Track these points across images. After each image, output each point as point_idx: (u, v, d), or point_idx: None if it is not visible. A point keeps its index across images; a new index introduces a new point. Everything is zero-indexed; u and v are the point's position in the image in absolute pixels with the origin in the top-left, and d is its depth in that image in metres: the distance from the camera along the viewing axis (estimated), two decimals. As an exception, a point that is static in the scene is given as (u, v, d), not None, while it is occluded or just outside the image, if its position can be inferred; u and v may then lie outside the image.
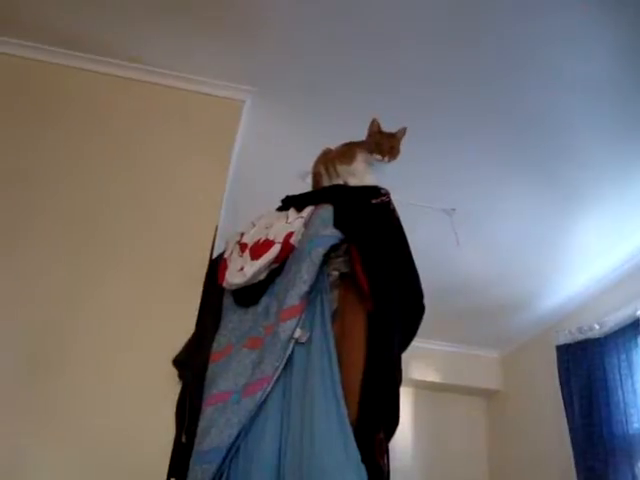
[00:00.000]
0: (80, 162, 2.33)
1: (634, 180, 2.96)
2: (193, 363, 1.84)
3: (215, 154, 2.47)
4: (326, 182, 2.02)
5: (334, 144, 2.05)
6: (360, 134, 1.96)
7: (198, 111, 2.55)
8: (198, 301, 2.07)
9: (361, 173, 1.94)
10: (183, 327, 1.99)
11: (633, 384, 3.35)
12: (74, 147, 2.36)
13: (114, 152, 2.38)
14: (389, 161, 1.93)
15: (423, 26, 2.30)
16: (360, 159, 1.94)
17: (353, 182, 1.93)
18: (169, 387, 1.90)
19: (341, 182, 1.96)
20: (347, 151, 1.99)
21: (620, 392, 3.41)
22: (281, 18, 2.31)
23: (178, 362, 1.92)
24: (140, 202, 2.29)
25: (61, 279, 2.08)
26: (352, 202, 1.82)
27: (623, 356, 3.48)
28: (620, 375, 3.45)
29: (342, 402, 1.46)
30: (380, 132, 1.94)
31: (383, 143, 1.91)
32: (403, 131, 1.95)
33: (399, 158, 1.95)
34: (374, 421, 1.55)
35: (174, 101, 2.56)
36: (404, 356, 1.71)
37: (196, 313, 2.04)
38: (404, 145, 1.94)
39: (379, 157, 1.91)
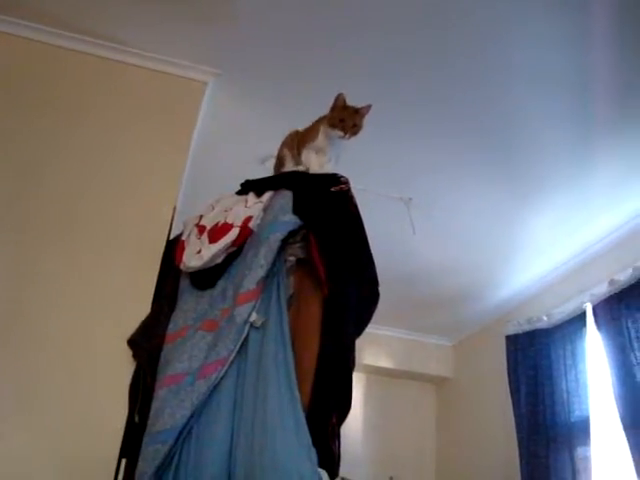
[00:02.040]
0: (35, 138, 2.28)
1: (583, 177, 3.04)
2: (148, 344, 1.84)
3: (175, 135, 2.45)
4: (290, 165, 2.02)
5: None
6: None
7: (160, 90, 2.52)
8: (154, 282, 2.06)
9: (323, 150, 1.95)
10: (139, 307, 1.98)
11: (576, 374, 3.46)
12: (30, 122, 2.30)
13: (70, 128, 2.33)
14: (349, 138, 1.94)
15: (382, 15, 2.31)
16: (322, 134, 1.95)
17: (315, 167, 1.94)
18: (123, 367, 1.89)
19: (302, 169, 1.97)
20: (312, 128, 2.00)
21: (564, 381, 3.53)
22: (248, 2, 2.30)
23: (133, 342, 1.91)
24: (97, 181, 2.25)
25: (13, 258, 2.04)
26: (311, 189, 1.83)
27: (568, 347, 3.59)
28: (565, 365, 3.56)
29: (295, 386, 1.48)
30: (345, 107, 1.94)
31: (346, 119, 1.92)
32: (368, 108, 1.94)
33: (359, 147, 1.97)
34: (327, 406, 1.58)
35: (136, 79, 2.52)
36: (357, 342, 1.74)
37: (152, 294, 2.03)
38: (362, 133, 1.95)
39: (341, 133, 1.91)
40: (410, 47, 2.42)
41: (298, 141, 2.03)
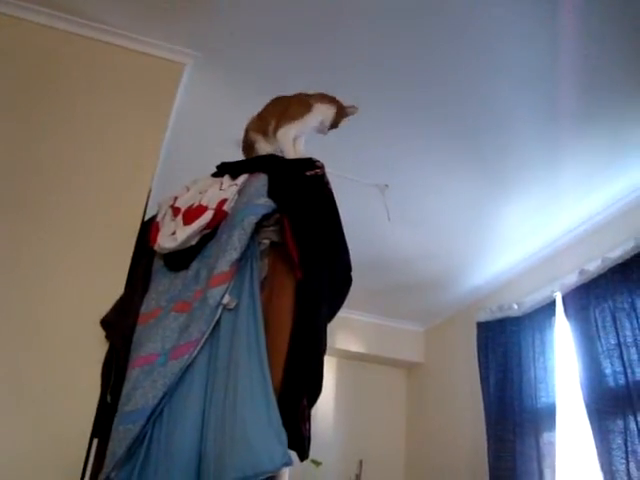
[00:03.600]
0: (10, 116, 2.24)
1: (555, 169, 3.08)
2: (121, 324, 1.84)
3: (152, 116, 2.43)
4: (262, 145, 2.04)
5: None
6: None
7: (138, 71, 2.50)
8: (128, 262, 2.06)
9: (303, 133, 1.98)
10: (112, 288, 1.97)
11: (545, 361, 3.52)
12: (6, 100, 2.27)
13: (48, 107, 2.30)
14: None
15: (363, 3, 2.32)
16: (312, 123, 1.98)
17: (289, 149, 1.95)
18: (96, 348, 1.89)
19: (273, 149, 1.99)
20: (300, 108, 2.02)
21: (532, 368, 3.58)
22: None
23: (106, 323, 1.91)
24: (73, 160, 2.23)
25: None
26: (286, 173, 1.84)
27: (538, 335, 3.65)
28: (534, 353, 3.62)
29: (267, 368, 1.49)
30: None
31: (339, 122, 1.98)
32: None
33: (336, 132, 2.00)
34: (298, 388, 1.59)
35: (114, 59, 2.49)
36: (330, 325, 1.75)
37: (126, 274, 2.03)
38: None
39: (324, 134, 1.96)
40: (391, 35, 2.43)
41: (279, 114, 2.03)
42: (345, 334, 4.92)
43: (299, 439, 1.56)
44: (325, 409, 4.92)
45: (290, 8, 2.36)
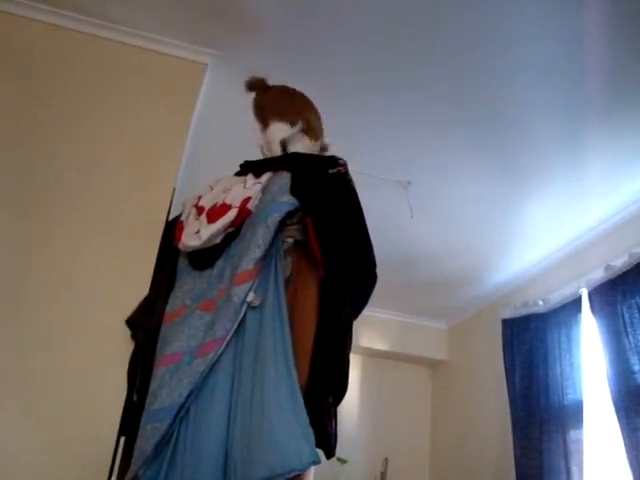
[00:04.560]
0: (36, 118, 2.27)
1: (579, 165, 3.04)
2: (146, 323, 1.85)
3: (175, 116, 2.44)
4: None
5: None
6: (322, 103, 1.98)
7: (160, 72, 2.51)
8: (153, 262, 2.07)
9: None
10: (137, 287, 1.99)
11: (571, 358, 3.49)
12: (32, 102, 2.29)
13: (72, 109, 2.32)
14: None
15: (381, 2, 2.31)
16: (292, 129, 2.00)
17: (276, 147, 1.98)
18: (122, 347, 1.90)
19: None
20: (290, 108, 2.05)
21: (558, 365, 3.55)
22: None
23: (131, 322, 1.92)
24: (98, 161, 2.25)
25: (13, 235, 2.04)
26: (309, 171, 1.84)
27: (564, 331, 3.61)
28: (560, 349, 3.58)
29: (293, 366, 1.50)
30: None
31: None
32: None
33: (360, 130, 1.99)
34: (324, 386, 1.60)
35: (136, 60, 2.50)
36: (354, 323, 1.75)
37: (151, 274, 2.04)
38: (362, 116, 1.96)
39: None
40: (408, 36, 2.42)
41: (265, 108, 2.06)
42: (369, 332, 4.92)
43: (325, 437, 1.56)
44: (350, 407, 4.92)
45: (310, 3, 2.35)
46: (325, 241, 1.68)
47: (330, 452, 1.59)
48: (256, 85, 2.14)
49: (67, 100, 2.34)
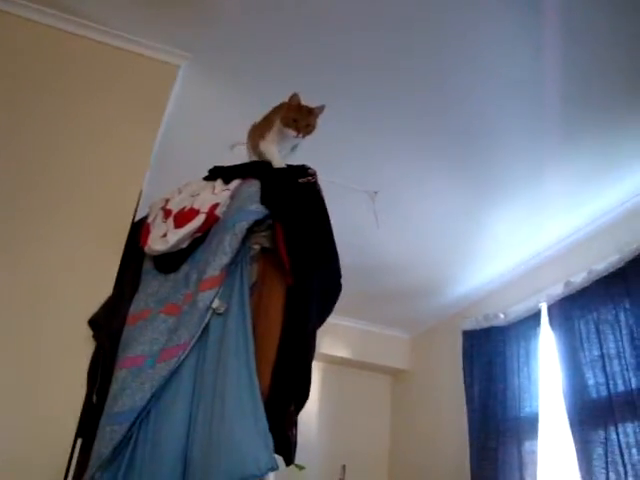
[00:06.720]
0: (4, 114, 2.24)
1: (542, 181, 3.11)
2: (109, 325, 1.84)
3: (145, 117, 2.43)
4: (248, 156, 2.06)
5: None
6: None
7: (130, 72, 2.49)
8: (118, 263, 2.05)
9: (275, 145, 1.98)
10: (101, 288, 1.97)
11: (529, 371, 3.55)
12: (2, 97, 2.26)
13: (39, 106, 2.29)
14: (303, 137, 1.98)
15: (351, 8, 2.32)
16: (275, 131, 1.98)
17: (276, 160, 1.96)
18: (83, 347, 1.88)
19: (256, 158, 2.00)
20: (267, 121, 2.03)
21: (516, 378, 3.61)
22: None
23: (94, 323, 1.91)
24: (64, 160, 2.22)
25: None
26: (279, 179, 1.85)
27: (523, 344, 3.67)
28: (518, 362, 3.64)
29: (254, 373, 1.50)
30: (299, 108, 1.97)
31: (300, 119, 1.96)
32: (322, 108, 1.99)
33: (327, 139, 2.00)
34: (286, 394, 1.61)
35: (106, 59, 2.48)
36: (317, 331, 1.77)
37: (115, 275, 2.03)
38: (331, 125, 1.97)
39: (294, 133, 1.96)
40: (378, 44, 2.44)
41: (253, 133, 2.06)
42: (331, 339, 4.92)
43: (285, 444, 1.57)
44: (309, 413, 4.91)
45: (283, 6, 2.35)
46: (294, 249, 1.69)
47: (290, 459, 1.60)
48: None
49: (34, 97, 2.31)
